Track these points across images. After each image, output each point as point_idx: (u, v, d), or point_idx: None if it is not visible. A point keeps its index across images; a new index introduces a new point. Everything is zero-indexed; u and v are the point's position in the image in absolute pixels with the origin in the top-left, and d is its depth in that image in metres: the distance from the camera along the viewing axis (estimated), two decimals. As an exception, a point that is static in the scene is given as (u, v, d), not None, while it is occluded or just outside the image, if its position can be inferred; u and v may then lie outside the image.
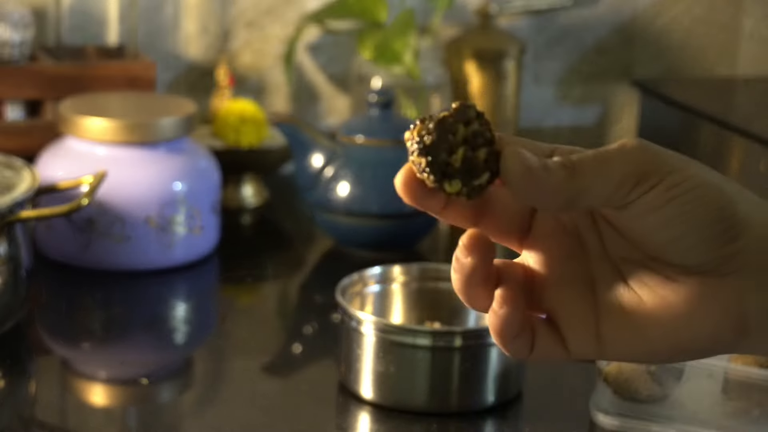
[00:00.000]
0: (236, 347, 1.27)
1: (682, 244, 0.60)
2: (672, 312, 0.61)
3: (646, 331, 0.62)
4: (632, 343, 0.62)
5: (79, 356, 1.23)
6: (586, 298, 0.63)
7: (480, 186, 0.60)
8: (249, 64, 1.79)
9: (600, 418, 1.08)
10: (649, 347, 0.62)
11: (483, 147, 0.60)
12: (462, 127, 0.60)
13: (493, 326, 0.63)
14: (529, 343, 0.63)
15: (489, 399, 1.11)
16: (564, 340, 0.63)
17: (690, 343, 0.62)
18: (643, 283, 0.62)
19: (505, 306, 0.62)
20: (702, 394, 1.06)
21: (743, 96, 1.97)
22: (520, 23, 1.88)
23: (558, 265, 0.64)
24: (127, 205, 1.37)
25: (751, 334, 0.61)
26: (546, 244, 0.64)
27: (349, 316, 1.11)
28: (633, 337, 0.62)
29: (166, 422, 1.12)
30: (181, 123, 1.42)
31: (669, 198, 0.60)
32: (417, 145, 0.60)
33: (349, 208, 1.43)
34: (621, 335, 0.62)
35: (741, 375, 1.06)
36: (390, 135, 1.46)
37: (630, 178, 0.59)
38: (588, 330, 0.63)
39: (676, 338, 0.62)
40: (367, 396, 1.11)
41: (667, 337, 0.62)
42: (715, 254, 0.60)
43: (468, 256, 0.62)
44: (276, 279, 1.49)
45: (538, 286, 0.64)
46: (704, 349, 0.63)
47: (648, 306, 0.62)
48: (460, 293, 0.63)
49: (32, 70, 1.58)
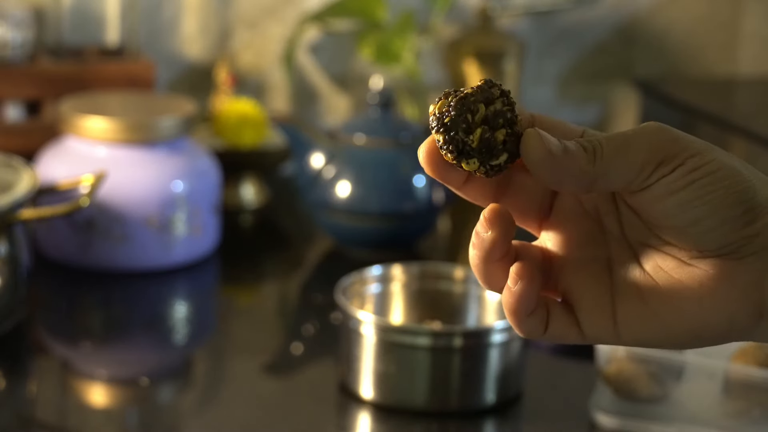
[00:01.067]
0: (236, 347, 1.27)
1: (702, 227, 0.60)
2: (689, 295, 0.62)
3: (662, 315, 0.62)
4: (648, 326, 0.62)
5: (79, 356, 1.23)
6: (603, 281, 0.64)
7: (498, 166, 0.60)
8: (249, 64, 1.79)
9: (600, 418, 1.08)
10: (665, 332, 0.62)
11: (503, 128, 0.60)
12: (482, 107, 0.60)
13: (506, 303, 0.62)
14: (543, 323, 0.63)
15: (489, 399, 1.11)
16: (579, 322, 0.63)
17: (706, 328, 0.62)
18: (659, 268, 0.62)
19: (520, 281, 0.62)
20: (702, 394, 1.06)
21: (743, 96, 1.97)
22: (521, 23, 1.88)
23: (576, 247, 0.64)
24: (127, 205, 1.37)
25: (766, 317, 0.61)
26: (566, 225, 0.65)
27: (349, 316, 1.11)
28: (649, 321, 0.62)
29: (166, 422, 1.12)
30: (182, 123, 1.42)
31: (689, 181, 0.60)
32: (437, 122, 0.60)
33: (349, 207, 1.43)
34: (637, 319, 0.63)
35: (741, 375, 1.06)
36: (390, 135, 1.46)
37: (651, 161, 0.60)
38: (604, 313, 0.63)
39: (692, 322, 0.62)
40: (367, 396, 1.11)
41: (683, 321, 0.62)
42: (734, 237, 0.60)
43: (489, 230, 0.62)
44: (276, 279, 1.49)
45: (555, 267, 0.64)
46: (720, 335, 0.63)
47: (664, 290, 0.62)
48: (477, 270, 0.63)
49: (32, 70, 1.58)
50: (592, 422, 1.09)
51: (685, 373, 1.06)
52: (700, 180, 0.60)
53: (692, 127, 1.76)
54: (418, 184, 1.44)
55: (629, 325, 0.63)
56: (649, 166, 0.60)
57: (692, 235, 0.61)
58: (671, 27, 1.96)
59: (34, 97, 1.59)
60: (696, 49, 1.97)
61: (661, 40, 1.95)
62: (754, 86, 1.98)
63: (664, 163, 0.60)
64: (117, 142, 1.39)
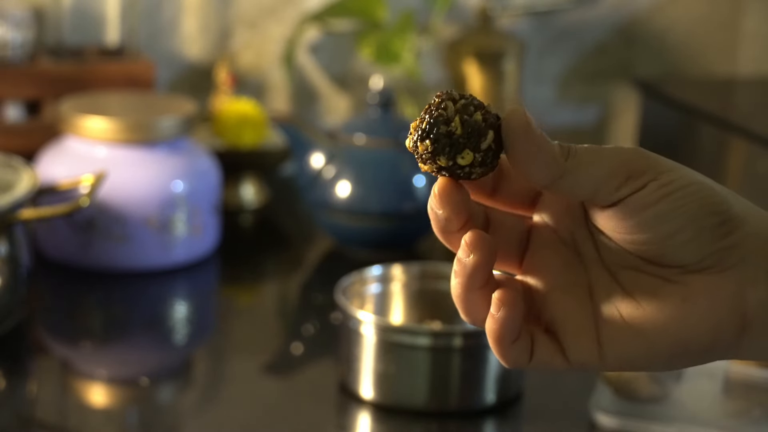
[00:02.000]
0: (236, 347, 1.27)
1: (679, 239, 0.61)
2: (672, 313, 0.62)
3: (646, 335, 0.62)
4: (632, 347, 0.63)
5: (79, 356, 1.23)
6: (585, 307, 0.64)
7: (489, 149, 0.61)
8: (249, 64, 1.79)
9: (600, 418, 1.08)
10: (650, 350, 0.63)
11: (477, 111, 0.61)
12: (450, 104, 0.61)
13: (490, 331, 0.63)
14: (528, 350, 0.63)
15: (489, 399, 1.11)
16: (563, 349, 0.64)
17: (691, 344, 0.62)
18: (641, 288, 0.63)
19: (503, 307, 0.62)
20: (702, 394, 1.06)
21: (743, 96, 1.97)
22: (521, 23, 1.88)
23: (556, 275, 0.65)
24: (127, 205, 1.37)
25: (752, 329, 0.62)
26: (544, 256, 0.65)
27: (349, 316, 1.11)
28: (633, 341, 0.63)
29: (166, 422, 1.12)
30: (182, 123, 1.42)
31: (662, 195, 0.61)
32: (417, 135, 0.61)
33: (349, 207, 1.43)
34: (621, 340, 0.63)
35: (741, 375, 1.06)
36: (390, 135, 1.46)
37: (619, 173, 0.61)
38: (588, 337, 0.63)
39: (676, 339, 0.62)
40: (367, 396, 1.11)
41: (667, 338, 0.62)
42: (712, 248, 0.61)
43: (471, 254, 0.62)
44: (276, 279, 1.49)
45: (537, 299, 0.65)
46: (705, 350, 0.63)
47: (647, 309, 0.63)
48: (459, 301, 0.64)
49: (32, 70, 1.58)
50: (592, 422, 1.09)
51: (685, 373, 1.06)
52: (675, 193, 0.61)
53: (692, 127, 1.76)
54: (418, 184, 1.44)
55: (614, 347, 0.63)
56: (616, 178, 0.61)
57: (670, 248, 0.61)
58: (671, 27, 1.96)
59: (34, 97, 1.59)
60: (696, 49, 1.97)
61: (661, 40, 1.95)
62: (754, 86, 1.98)
63: (633, 177, 0.61)
64: (117, 142, 1.39)
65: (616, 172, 0.61)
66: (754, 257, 0.61)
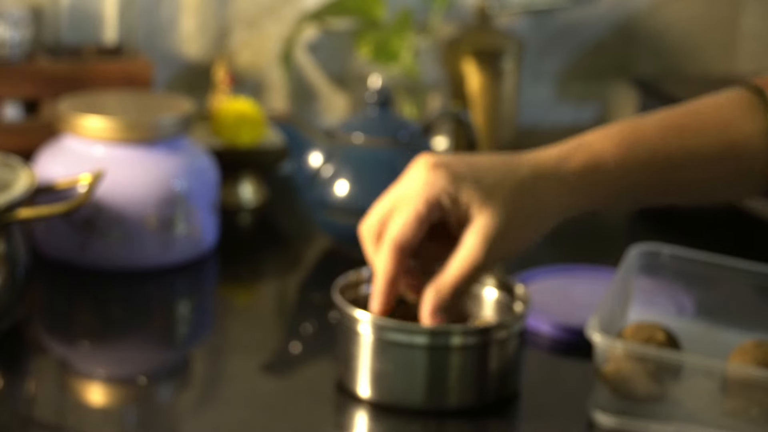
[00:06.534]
0: (235, 346, 1.27)
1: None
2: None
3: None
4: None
5: (78, 355, 1.23)
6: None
7: None
8: (247, 63, 1.79)
9: (598, 417, 1.08)
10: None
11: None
12: None
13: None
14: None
15: (487, 397, 1.11)
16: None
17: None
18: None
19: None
20: (700, 393, 1.06)
21: (742, 94, 1.96)
22: (519, 22, 1.88)
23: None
24: (126, 204, 1.37)
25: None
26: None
27: (346, 314, 1.11)
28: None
29: (164, 421, 1.12)
30: (180, 122, 1.42)
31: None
32: None
33: (348, 206, 1.43)
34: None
35: (740, 374, 1.06)
36: (388, 134, 1.46)
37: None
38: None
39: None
40: (365, 395, 1.11)
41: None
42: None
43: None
44: (274, 278, 1.49)
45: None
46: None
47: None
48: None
49: (30, 69, 1.58)
50: (591, 421, 1.09)
51: (683, 371, 1.06)
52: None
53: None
54: (417, 183, 1.44)
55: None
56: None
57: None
58: (670, 25, 1.96)
59: (32, 96, 1.59)
60: (695, 47, 1.97)
61: (660, 38, 1.95)
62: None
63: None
64: (115, 141, 1.39)
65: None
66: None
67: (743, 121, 1.12)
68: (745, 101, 1.14)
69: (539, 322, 1.27)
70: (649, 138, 1.10)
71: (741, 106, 1.14)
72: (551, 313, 1.28)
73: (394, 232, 1.06)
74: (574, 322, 1.25)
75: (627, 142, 1.09)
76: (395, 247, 1.06)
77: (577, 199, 1.09)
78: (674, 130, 1.11)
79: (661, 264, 1.24)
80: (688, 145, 1.11)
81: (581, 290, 1.34)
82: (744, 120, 1.12)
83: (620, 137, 1.09)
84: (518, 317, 1.12)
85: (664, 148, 1.10)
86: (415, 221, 1.05)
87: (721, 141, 1.11)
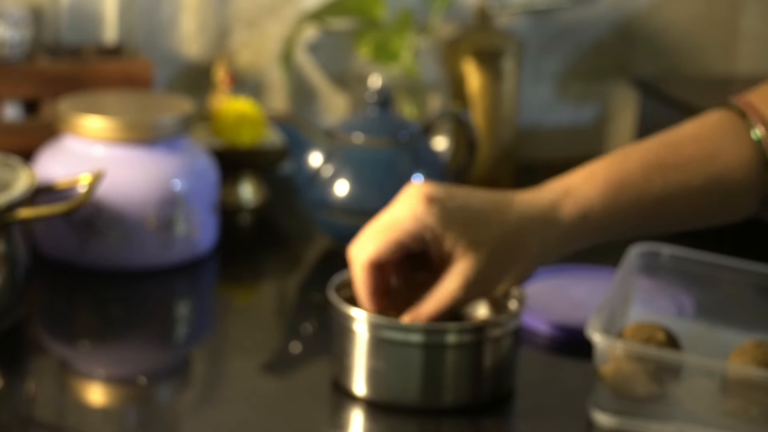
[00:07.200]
0: (234, 346, 1.27)
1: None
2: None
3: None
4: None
5: (78, 355, 1.23)
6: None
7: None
8: (248, 63, 1.79)
9: (598, 417, 1.08)
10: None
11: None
12: None
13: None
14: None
15: (483, 395, 1.11)
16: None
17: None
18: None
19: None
20: (700, 393, 1.06)
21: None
22: (519, 22, 1.88)
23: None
24: (125, 204, 1.37)
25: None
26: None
27: (341, 312, 1.11)
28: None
29: (164, 421, 1.12)
30: (180, 122, 1.42)
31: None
32: None
33: (348, 206, 1.43)
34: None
35: (739, 374, 1.06)
36: (388, 134, 1.46)
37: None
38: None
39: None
40: (361, 393, 1.11)
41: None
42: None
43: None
44: (274, 278, 1.49)
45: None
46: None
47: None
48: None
49: (30, 69, 1.58)
50: (590, 421, 1.09)
51: (683, 371, 1.06)
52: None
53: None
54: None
55: None
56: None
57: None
58: (670, 26, 1.96)
59: (32, 96, 1.59)
60: (695, 47, 1.97)
61: (659, 38, 1.95)
62: (752, 85, 1.97)
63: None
64: (115, 141, 1.39)
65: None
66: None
67: (727, 149, 1.11)
68: (726, 126, 1.13)
69: (539, 322, 1.27)
70: (634, 179, 1.10)
71: (724, 132, 1.12)
72: (551, 312, 1.28)
73: (369, 252, 1.09)
74: (573, 322, 1.25)
75: (613, 187, 1.09)
76: (365, 264, 1.09)
77: (567, 244, 1.11)
78: (658, 168, 1.10)
79: (661, 264, 1.24)
80: (673, 181, 1.10)
81: (581, 290, 1.34)
82: (728, 148, 1.11)
83: (605, 182, 1.09)
84: (513, 315, 1.12)
85: (649, 188, 1.10)
86: (393, 245, 1.08)
87: (706, 173, 1.11)
